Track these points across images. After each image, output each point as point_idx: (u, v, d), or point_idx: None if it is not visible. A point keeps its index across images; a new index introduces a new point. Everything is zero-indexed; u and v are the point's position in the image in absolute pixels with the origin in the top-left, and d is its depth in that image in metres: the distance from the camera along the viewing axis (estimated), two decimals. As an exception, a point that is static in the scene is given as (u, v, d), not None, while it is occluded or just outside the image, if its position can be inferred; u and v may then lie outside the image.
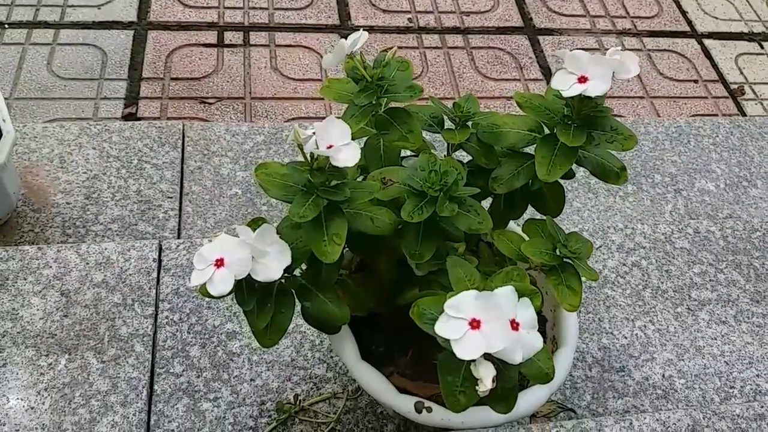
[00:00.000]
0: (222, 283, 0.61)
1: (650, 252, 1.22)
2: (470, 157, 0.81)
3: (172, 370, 0.96)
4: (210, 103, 1.68)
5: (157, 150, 1.37)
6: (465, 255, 0.75)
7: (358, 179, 0.78)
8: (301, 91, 1.74)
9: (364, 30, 0.72)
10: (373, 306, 0.81)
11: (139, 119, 1.59)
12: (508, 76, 1.89)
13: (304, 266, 0.74)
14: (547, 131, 0.75)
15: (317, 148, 0.61)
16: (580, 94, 0.66)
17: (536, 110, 0.72)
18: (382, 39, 1.89)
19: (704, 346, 1.11)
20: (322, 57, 1.80)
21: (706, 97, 1.98)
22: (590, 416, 1.01)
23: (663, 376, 1.06)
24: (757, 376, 1.09)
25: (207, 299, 1.03)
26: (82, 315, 0.99)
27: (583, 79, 0.67)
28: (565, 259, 0.74)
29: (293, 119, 1.68)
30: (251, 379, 0.96)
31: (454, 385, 0.61)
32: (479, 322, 0.53)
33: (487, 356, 0.54)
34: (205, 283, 0.62)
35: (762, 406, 0.87)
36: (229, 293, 0.63)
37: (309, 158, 0.63)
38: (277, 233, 0.68)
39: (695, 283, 1.19)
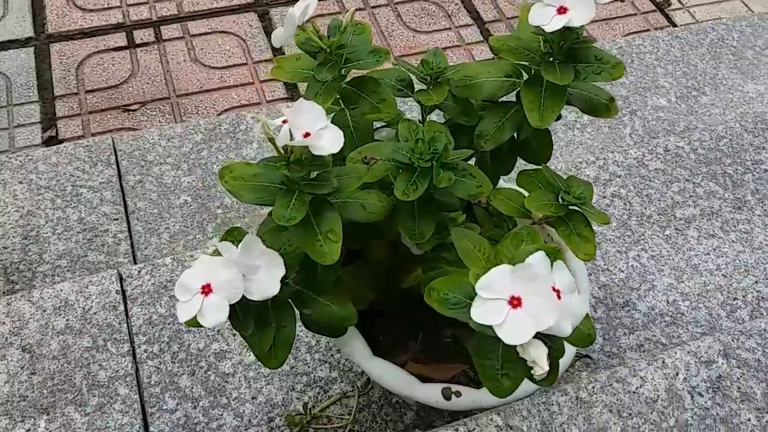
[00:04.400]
0: (215, 311, 0.54)
1: (627, 179, 1.19)
2: (444, 118, 0.75)
3: (165, 407, 0.87)
4: (134, 110, 1.56)
5: (90, 171, 1.26)
6: (465, 224, 0.69)
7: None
8: (228, 79, 1.63)
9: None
10: (373, 296, 0.74)
11: (61, 141, 1.47)
12: (439, 27, 1.82)
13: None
14: (525, 74, 0.69)
15: (292, 138, 0.53)
16: (564, 26, 0.60)
17: (514, 52, 0.66)
18: (301, 10, 1.79)
19: (700, 264, 1.09)
20: (244, 40, 1.69)
21: (635, 14, 1.96)
22: (606, 358, 0.97)
23: (667, 302, 1.04)
24: (756, 282, 1.08)
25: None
26: (51, 368, 0.89)
27: (562, 10, 0.61)
28: (570, 207, 0.69)
29: (226, 110, 1.58)
30: (253, 398, 0.89)
31: (493, 369, 0.55)
32: (519, 299, 0.47)
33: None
34: (195, 316, 0.54)
35: (783, 316, 0.85)
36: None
37: (283, 152, 0.55)
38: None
39: (677, 202, 1.17)
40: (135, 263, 1.15)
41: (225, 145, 1.32)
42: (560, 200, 0.68)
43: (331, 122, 0.69)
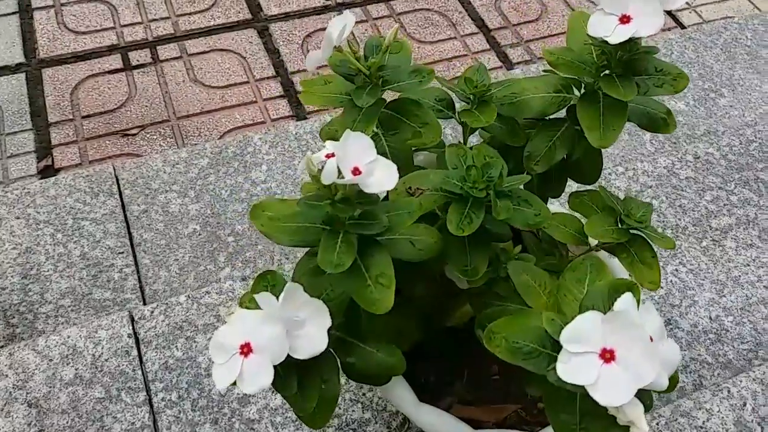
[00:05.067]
0: (256, 375, 0.47)
1: (658, 190, 1.13)
2: (482, 139, 0.69)
3: (187, 461, 0.81)
4: (133, 135, 1.49)
5: (92, 202, 1.19)
6: (518, 255, 0.63)
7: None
8: (230, 99, 1.57)
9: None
10: (418, 337, 0.68)
11: (58, 170, 1.40)
12: (444, 36, 1.76)
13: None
14: (575, 89, 0.64)
15: (340, 176, 0.47)
16: (630, 38, 0.54)
17: (570, 66, 0.60)
18: (301, 24, 1.73)
19: (740, 276, 1.03)
20: (245, 58, 1.63)
21: (639, 15, 1.92)
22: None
23: (710, 318, 0.98)
24: (802, 294, 1.02)
25: (204, 366, 0.88)
26: (61, 424, 0.82)
27: (626, 19, 0.55)
28: (631, 231, 0.63)
29: (230, 131, 1.52)
30: (282, 446, 0.82)
31: (570, 424, 0.49)
32: (612, 352, 0.41)
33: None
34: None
35: None
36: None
37: (331, 189, 0.49)
38: (300, 287, 0.54)
39: (711, 211, 1.11)
40: (143, 299, 1.08)
41: (233, 169, 1.26)
42: (620, 225, 0.63)
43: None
